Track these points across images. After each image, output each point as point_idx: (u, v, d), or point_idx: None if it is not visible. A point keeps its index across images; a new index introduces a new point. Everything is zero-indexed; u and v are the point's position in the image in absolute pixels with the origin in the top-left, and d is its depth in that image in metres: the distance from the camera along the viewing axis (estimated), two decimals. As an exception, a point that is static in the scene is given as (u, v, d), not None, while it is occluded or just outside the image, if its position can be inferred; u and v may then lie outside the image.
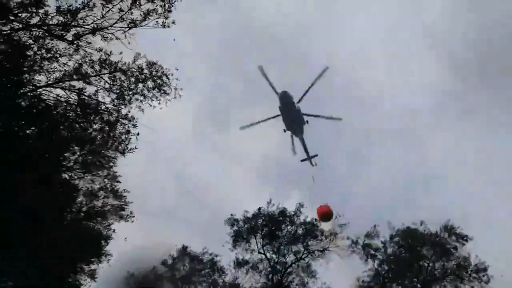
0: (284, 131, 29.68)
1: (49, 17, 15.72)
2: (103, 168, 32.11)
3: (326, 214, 28.77)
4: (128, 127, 20.06)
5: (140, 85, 21.76)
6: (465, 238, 35.58)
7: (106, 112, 20.64)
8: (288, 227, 35.58)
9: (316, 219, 36.05)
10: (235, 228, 35.77)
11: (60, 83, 18.71)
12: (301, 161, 32.08)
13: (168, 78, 21.83)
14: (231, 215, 36.04)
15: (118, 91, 21.27)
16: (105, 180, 32.81)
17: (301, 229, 35.85)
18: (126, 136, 20.20)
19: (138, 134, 20.27)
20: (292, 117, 28.61)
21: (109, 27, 16.74)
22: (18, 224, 21.38)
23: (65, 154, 26.60)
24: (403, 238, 37.31)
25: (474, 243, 35.28)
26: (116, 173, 33.19)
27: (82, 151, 28.56)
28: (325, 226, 34.45)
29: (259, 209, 35.63)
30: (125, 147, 20.61)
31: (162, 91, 22.01)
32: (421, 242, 36.89)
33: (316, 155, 32.08)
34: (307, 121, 28.98)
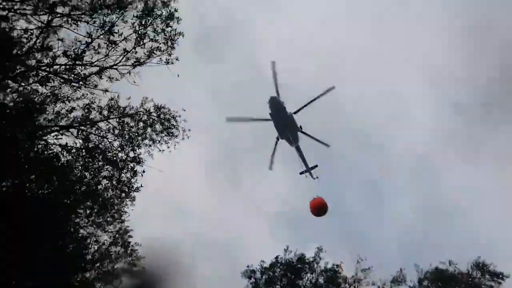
0: (278, 139, 28.55)
1: (56, 60, 16.20)
2: (115, 223, 31.51)
3: (320, 205, 26.29)
4: (134, 165, 19.82)
5: (149, 129, 21.90)
6: (500, 276, 33.03)
7: (114, 158, 20.55)
8: (308, 275, 33.58)
9: (337, 265, 34.19)
10: (252, 280, 33.90)
11: (69, 129, 18.86)
12: (300, 173, 29.92)
13: (176, 121, 22.03)
14: (247, 266, 34.34)
15: (126, 136, 21.37)
16: (117, 235, 32.05)
17: (322, 277, 33.80)
18: (132, 174, 19.90)
19: (144, 171, 20.02)
20: (284, 123, 27.53)
21: (114, 67, 17.16)
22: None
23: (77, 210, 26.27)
24: (433, 281, 34.79)
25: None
26: (128, 228, 32.48)
27: (93, 205, 28.23)
28: None
29: (276, 257, 33.95)
30: (131, 187, 20.23)
31: (171, 134, 22.08)
32: (453, 285, 34.33)
33: (316, 166, 29.78)
34: (300, 126, 27.89)
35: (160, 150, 22.04)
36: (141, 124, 21.54)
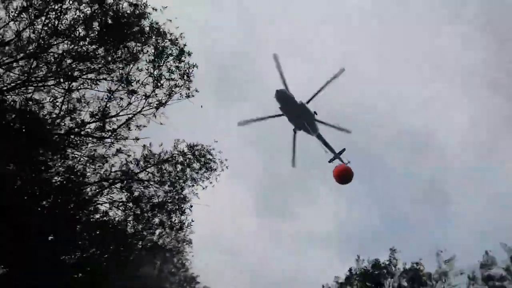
0: (295, 131, 27.23)
1: (84, 122, 16.73)
2: (180, 272, 31.44)
3: (344, 172, 24.18)
4: (181, 205, 19.83)
5: (188, 170, 21.90)
6: None
7: (161, 203, 20.59)
8: (389, 280, 31.47)
9: (417, 263, 31.94)
10: (333, 299, 32.28)
11: (112, 186, 19.17)
12: (329, 161, 27.83)
13: (211, 154, 21.94)
14: (323, 286, 32.86)
15: (168, 182, 21.45)
16: (185, 284, 31.87)
17: (403, 279, 31.57)
18: (180, 213, 19.84)
19: (191, 206, 19.92)
20: (297, 113, 26.34)
21: (138, 114, 17.48)
22: None
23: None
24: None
25: None
26: (193, 274, 32.27)
27: (155, 258, 28.32)
28: None
29: (350, 269, 32.29)
30: (183, 226, 20.13)
31: (209, 169, 21.96)
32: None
33: (344, 150, 27.76)
34: (315, 112, 26.48)
35: (203, 188, 21.98)
36: (179, 166, 21.60)
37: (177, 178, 21.55)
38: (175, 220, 20.17)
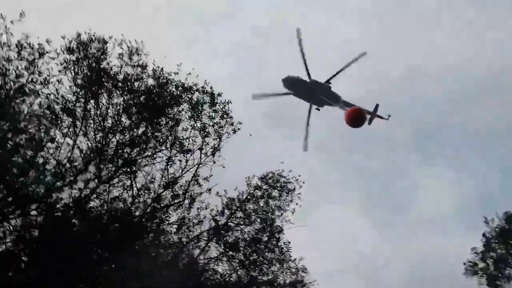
0: (318, 109, 26.78)
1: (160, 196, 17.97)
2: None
3: (357, 114, 22.71)
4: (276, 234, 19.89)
5: (270, 201, 22.07)
6: None
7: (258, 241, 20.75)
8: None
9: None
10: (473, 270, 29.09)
11: (209, 243, 19.86)
12: (369, 124, 26.83)
13: (284, 176, 22.00)
14: (464, 263, 29.79)
15: (258, 220, 21.70)
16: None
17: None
18: (277, 239, 19.78)
19: (282, 230, 20.00)
20: (311, 91, 26.04)
21: (200, 167, 18.38)
22: None
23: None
24: None
25: None
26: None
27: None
28: None
29: (484, 234, 29.08)
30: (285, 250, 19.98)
31: (288, 191, 21.97)
32: None
33: (378, 105, 27.01)
34: (328, 82, 25.80)
35: (292, 212, 21.90)
36: (261, 201, 21.85)
37: (264, 212, 21.79)
38: (276, 250, 20.10)
